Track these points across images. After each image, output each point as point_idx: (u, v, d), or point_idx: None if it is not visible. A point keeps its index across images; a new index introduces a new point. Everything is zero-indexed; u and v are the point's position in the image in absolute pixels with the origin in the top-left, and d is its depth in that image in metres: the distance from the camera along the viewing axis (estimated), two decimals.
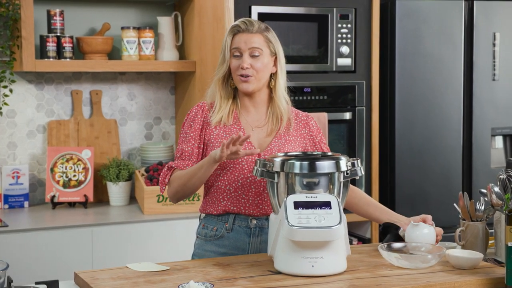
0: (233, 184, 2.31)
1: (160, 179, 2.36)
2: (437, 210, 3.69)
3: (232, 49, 2.31)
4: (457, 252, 2.15)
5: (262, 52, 2.30)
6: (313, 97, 3.52)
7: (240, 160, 2.29)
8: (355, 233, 3.75)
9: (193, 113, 2.37)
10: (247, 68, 2.28)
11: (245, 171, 2.30)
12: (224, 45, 2.34)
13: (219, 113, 2.33)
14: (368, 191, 3.65)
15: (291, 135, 2.37)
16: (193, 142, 2.33)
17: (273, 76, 2.36)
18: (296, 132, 2.40)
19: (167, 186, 2.35)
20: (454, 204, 2.42)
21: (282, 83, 2.37)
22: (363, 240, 3.70)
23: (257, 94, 2.35)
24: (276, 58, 2.35)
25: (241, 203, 2.31)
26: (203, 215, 2.41)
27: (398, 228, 2.37)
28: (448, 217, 3.65)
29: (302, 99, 3.50)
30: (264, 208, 2.33)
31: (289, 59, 3.48)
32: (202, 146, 2.34)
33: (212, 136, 2.33)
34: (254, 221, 2.33)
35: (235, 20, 3.32)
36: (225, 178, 2.31)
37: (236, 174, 2.30)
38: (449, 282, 1.99)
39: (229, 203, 2.32)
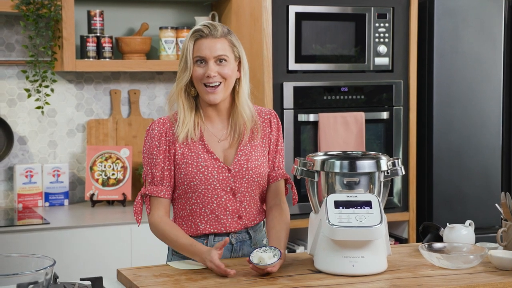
0: (208, 206, 2.19)
1: (134, 209, 2.21)
2: (476, 210, 3.65)
3: (194, 57, 2.15)
4: (500, 253, 2.13)
5: (228, 58, 2.15)
6: (350, 97, 3.51)
7: (211, 180, 2.17)
8: (392, 233, 3.73)
9: (156, 132, 2.19)
10: (214, 76, 2.13)
11: (218, 190, 2.18)
12: (185, 51, 2.16)
13: (184, 127, 2.16)
14: (405, 192, 3.63)
15: (256, 139, 2.25)
16: (162, 165, 2.18)
17: (237, 81, 2.21)
18: (261, 133, 2.27)
19: (150, 213, 2.19)
20: (496, 205, 2.39)
21: (246, 89, 2.22)
22: (400, 240, 3.68)
23: (221, 102, 2.20)
24: (239, 62, 2.20)
25: (220, 223, 2.21)
26: None
27: (438, 228, 2.36)
28: (487, 217, 3.62)
29: (338, 98, 3.49)
30: (244, 223, 2.23)
31: (326, 59, 3.49)
32: (172, 167, 2.19)
33: (178, 157, 2.18)
34: (235, 236, 2.24)
35: (272, 20, 3.35)
36: (199, 201, 2.19)
37: (209, 195, 2.18)
38: (493, 283, 1.97)
39: (207, 226, 2.20)
